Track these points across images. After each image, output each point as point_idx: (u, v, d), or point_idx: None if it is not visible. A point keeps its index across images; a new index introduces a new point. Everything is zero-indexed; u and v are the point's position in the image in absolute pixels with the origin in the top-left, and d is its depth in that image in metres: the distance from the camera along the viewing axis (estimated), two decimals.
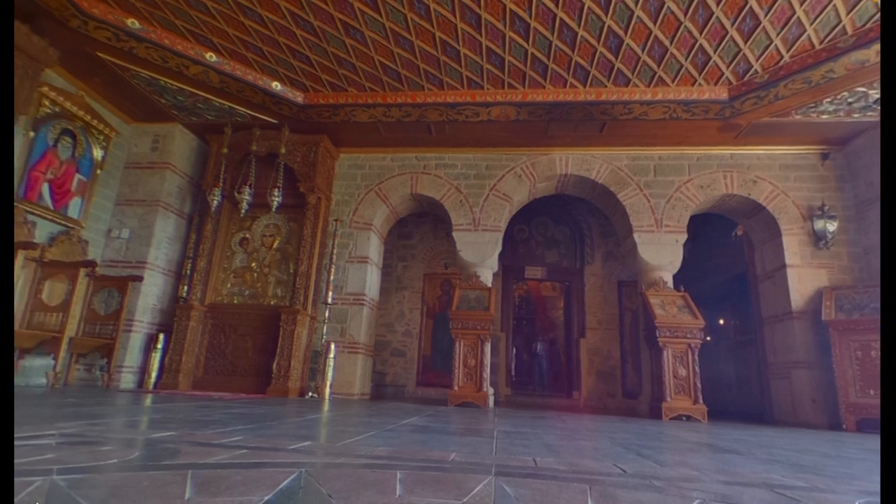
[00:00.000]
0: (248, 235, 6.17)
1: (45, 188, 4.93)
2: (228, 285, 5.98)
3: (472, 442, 2.02)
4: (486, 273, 6.06)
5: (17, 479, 0.93)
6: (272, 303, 5.85)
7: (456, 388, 5.14)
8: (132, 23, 4.48)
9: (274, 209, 5.58)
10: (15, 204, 4.58)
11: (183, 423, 2.14)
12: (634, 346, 7.30)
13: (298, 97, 5.48)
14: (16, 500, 0.81)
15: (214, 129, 6.04)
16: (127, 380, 5.31)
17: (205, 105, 5.60)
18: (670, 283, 5.65)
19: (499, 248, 6.11)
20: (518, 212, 6.78)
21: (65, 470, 1.04)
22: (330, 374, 5.41)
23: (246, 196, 5.44)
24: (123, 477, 1.03)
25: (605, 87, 5.04)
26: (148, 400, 3.59)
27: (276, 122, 5.86)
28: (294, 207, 6.02)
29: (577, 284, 8.15)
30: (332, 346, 5.53)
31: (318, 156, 5.97)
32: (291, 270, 5.93)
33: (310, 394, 5.40)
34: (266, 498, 0.92)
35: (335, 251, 6.07)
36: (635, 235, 5.79)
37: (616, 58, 4.63)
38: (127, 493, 0.90)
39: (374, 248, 6.39)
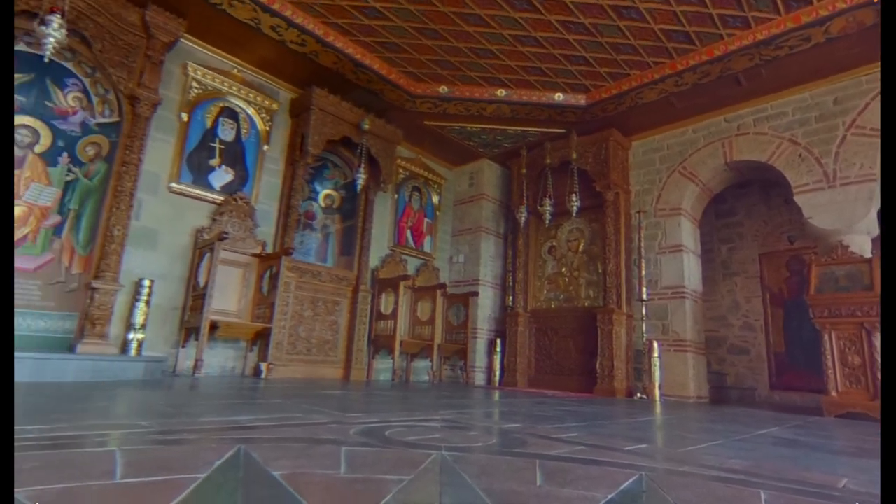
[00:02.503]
0: (554, 243, 6.56)
1: (408, 234, 6.60)
2: (545, 291, 6.48)
3: (872, 466, 1.51)
4: (860, 240, 4.53)
5: (416, 451, 1.24)
6: (585, 304, 5.99)
7: (833, 393, 3.98)
8: (443, 89, 5.56)
9: (574, 214, 5.76)
10: (392, 248, 6.31)
11: (525, 417, 2.41)
12: None
13: (581, 100, 5.56)
14: (418, 469, 1.08)
15: (513, 154, 6.75)
16: (478, 377, 6.41)
17: (502, 136, 6.37)
18: None
19: (875, 204, 4.48)
20: None
21: (450, 448, 1.32)
22: (657, 374, 5.09)
23: (547, 207, 5.82)
24: (487, 458, 1.23)
25: None
26: (496, 395, 4.23)
27: (563, 130, 6.09)
28: (593, 208, 6.06)
29: None
30: (655, 344, 5.20)
31: (608, 151, 5.85)
32: (600, 271, 5.94)
33: (637, 394, 5.22)
34: (609, 496, 0.93)
35: (642, 244, 5.75)
36: None
37: None
38: (492, 473, 1.08)
39: (686, 233, 5.73)
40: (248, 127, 5.11)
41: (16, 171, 3.88)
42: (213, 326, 4.15)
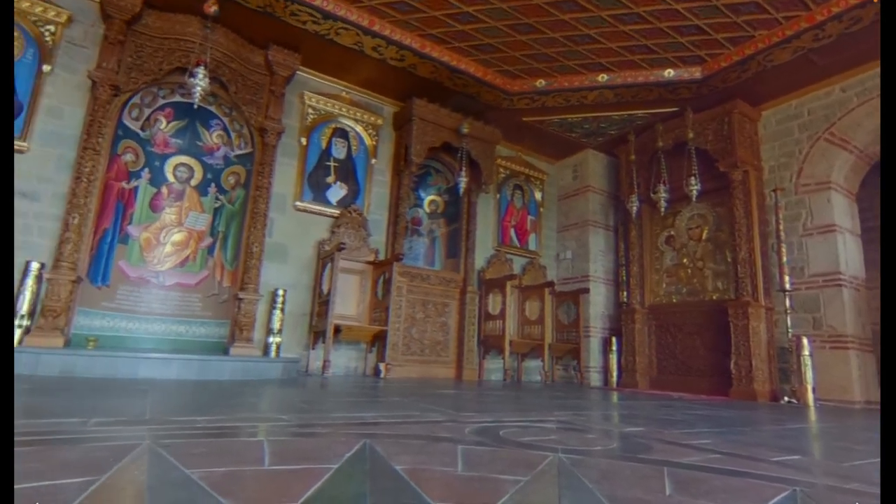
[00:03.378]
0: (672, 233, 6.04)
1: (512, 233, 6.56)
2: (664, 285, 5.99)
3: None
4: None
5: (532, 453, 1.22)
6: (713, 297, 5.41)
7: None
8: (540, 83, 5.44)
9: (694, 199, 5.24)
10: (496, 248, 6.31)
11: (649, 420, 2.25)
12: None
13: (695, 73, 5.06)
14: (535, 471, 1.06)
15: (619, 142, 6.36)
16: (594, 378, 6.13)
17: (607, 123, 6.04)
18: None
19: None
20: None
21: (567, 450, 1.28)
22: (808, 374, 4.41)
23: (662, 194, 5.38)
24: (608, 463, 1.17)
25: None
26: (614, 397, 4.01)
27: (676, 109, 5.59)
28: (717, 191, 5.46)
29: None
30: (805, 340, 4.52)
31: (732, 125, 5.24)
32: (729, 259, 5.33)
33: (785, 398, 4.57)
34: None
35: (781, 227, 5.03)
36: None
37: None
38: (614, 479, 1.02)
39: (840, 210, 4.90)
40: (358, 144, 5.50)
41: (177, 203, 4.63)
42: (337, 330, 4.52)
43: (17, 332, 3.39)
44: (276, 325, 4.38)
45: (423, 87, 5.41)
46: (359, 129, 5.53)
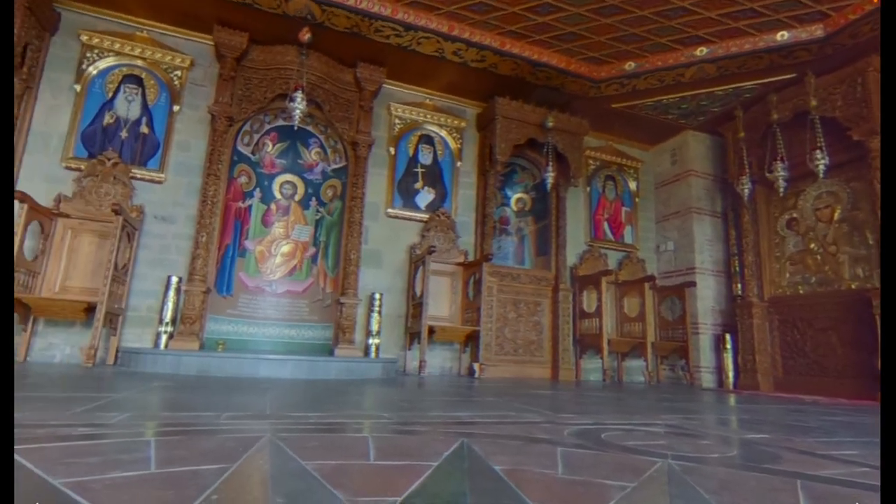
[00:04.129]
0: (795, 215, 5.35)
1: (605, 226, 6.26)
2: (787, 275, 5.33)
3: None
4: None
5: (639, 458, 1.15)
6: (852, 286, 4.69)
7: None
8: (629, 66, 5.14)
9: (821, 175, 4.58)
10: (589, 243, 6.06)
11: (775, 426, 2.01)
12: None
13: (816, 31, 4.44)
14: (642, 477, 1.00)
15: (724, 119, 5.79)
16: (706, 379, 5.62)
17: (708, 100, 5.53)
18: None
19: None
20: None
21: (678, 456, 1.19)
22: None
23: (780, 173, 4.79)
24: (728, 472, 1.07)
25: None
26: (731, 399, 3.64)
27: (792, 75, 4.95)
28: (848, 164, 4.74)
29: None
30: None
31: (867, 86, 4.49)
32: (870, 242, 4.59)
33: None
34: None
35: None
36: None
37: None
38: (736, 490, 0.93)
39: None
40: (443, 148, 5.61)
41: (284, 218, 5.08)
42: (431, 331, 4.64)
43: (164, 338, 3.94)
44: (374, 327, 4.61)
45: (504, 85, 5.37)
46: (443, 133, 5.64)
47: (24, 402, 1.58)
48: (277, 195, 5.10)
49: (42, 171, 4.15)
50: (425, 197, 5.43)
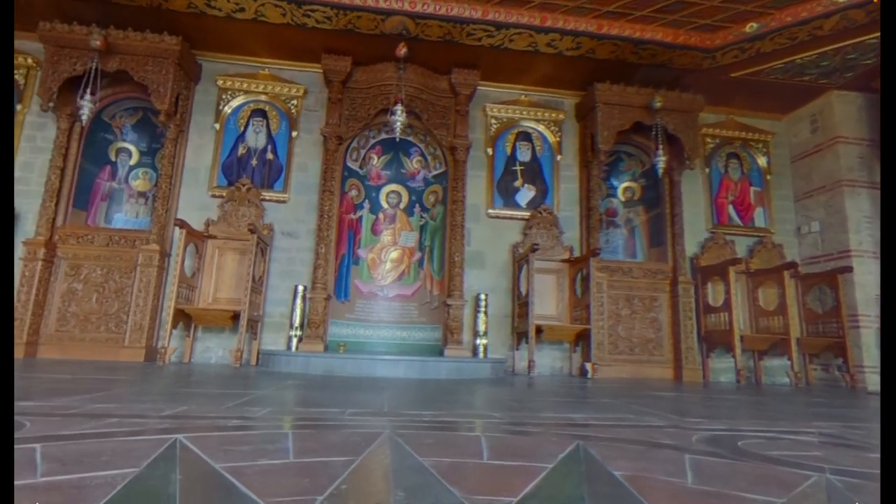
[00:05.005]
0: None
1: (730, 210, 5.62)
2: None
3: None
4: None
5: (786, 470, 1.01)
6: None
7: None
8: (750, 27, 4.56)
9: None
10: (712, 230, 5.48)
11: None
12: None
13: None
14: (792, 493, 0.87)
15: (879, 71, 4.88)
16: (871, 380, 4.74)
17: (856, 52, 4.69)
18: None
19: None
20: None
21: (838, 471, 1.03)
22: None
23: None
24: None
25: None
26: None
27: None
28: None
29: None
30: None
31: None
32: None
33: None
34: None
35: None
36: None
37: None
38: None
39: None
40: (541, 143, 5.49)
41: (391, 226, 5.36)
42: (539, 330, 4.55)
43: (294, 341, 4.38)
44: (481, 327, 4.66)
45: (603, 71, 5.10)
46: (541, 128, 5.52)
47: (189, 397, 1.87)
48: (384, 205, 5.41)
49: (194, 201, 4.87)
50: (525, 194, 5.36)
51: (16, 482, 0.73)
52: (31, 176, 4.65)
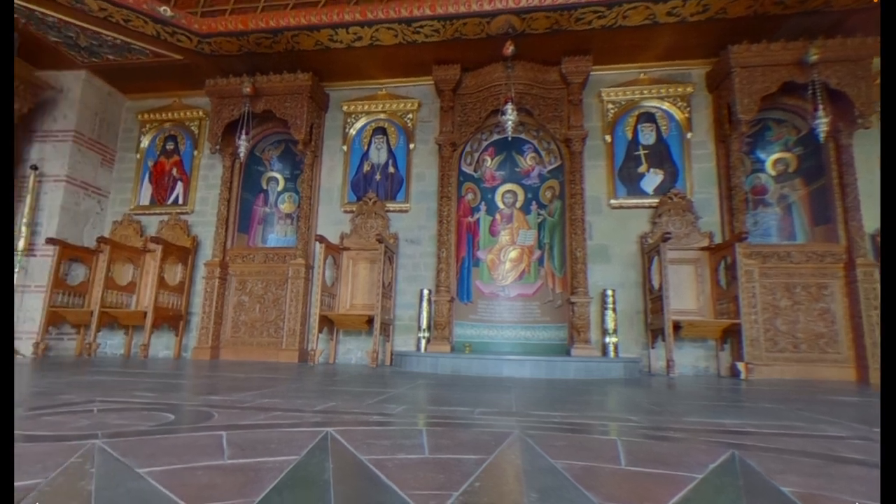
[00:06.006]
0: None
1: None
2: None
3: None
4: None
5: None
6: None
7: None
8: None
9: None
10: None
11: None
12: None
13: None
14: None
15: None
16: None
17: None
18: None
19: None
20: None
21: None
22: None
23: None
24: None
25: None
26: None
27: None
28: None
29: None
30: None
31: None
32: None
33: None
34: None
35: None
36: None
37: None
38: None
39: None
40: (667, 122, 5.03)
41: (508, 225, 5.35)
42: (677, 326, 4.16)
43: (423, 342, 4.60)
44: (610, 325, 4.40)
45: (737, 31, 4.50)
46: (665, 106, 5.06)
47: (335, 395, 2.07)
48: (500, 205, 5.42)
49: (330, 218, 5.41)
50: (652, 180, 4.95)
51: (205, 463, 0.89)
52: (206, 209, 5.61)
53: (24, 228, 5.01)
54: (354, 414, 1.50)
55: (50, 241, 4.87)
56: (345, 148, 5.54)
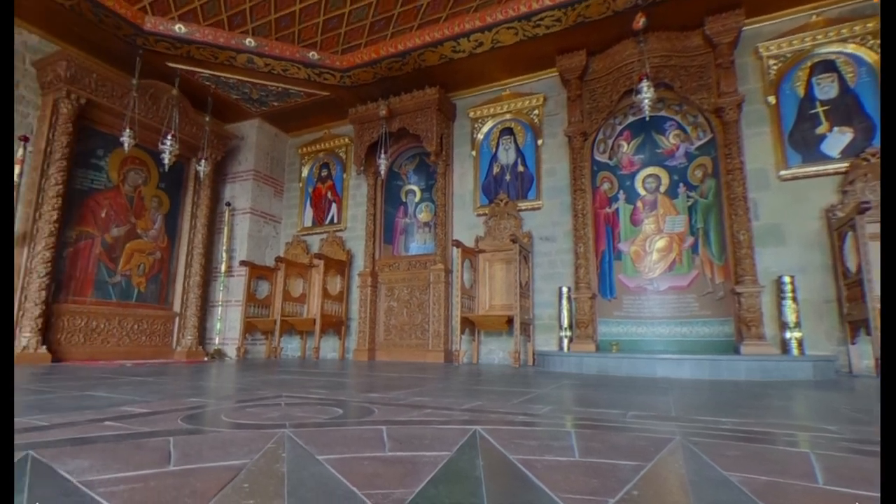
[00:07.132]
0: None
1: None
2: None
3: None
4: None
5: None
6: None
7: None
8: None
9: None
10: None
11: None
12: None
13: None
14: None
15: None
16: None
17: None
18: None
19: None
20: None
21: None
22: None
23: None
24: None
25: None
26: None
27: None
28: None
29: None
30: None
31: None
32: None
33: None
34: None
35: None
36: None
37: None
38: None
39: None
40: (853, 68, 4.15)
41: (652, 213, 4.90)
42: None
43: (565, 342, 4.46)
44: (790, 317, 3.75)
45: None
46: (849, 49, 4.17)
47: (480, 394, 2.12)
48: (641, 191, 5.00)
49: (464, 222, 5.59)
50: (837, 140, 4.10)
51: (370, 454, 0.98)
52: (356, 224, 6.24)
53: (223, 254, 6.16)
54: (500, 413, 1.52)
55: (243, 263, 5.91)
56: (473, 153, 5.68)
